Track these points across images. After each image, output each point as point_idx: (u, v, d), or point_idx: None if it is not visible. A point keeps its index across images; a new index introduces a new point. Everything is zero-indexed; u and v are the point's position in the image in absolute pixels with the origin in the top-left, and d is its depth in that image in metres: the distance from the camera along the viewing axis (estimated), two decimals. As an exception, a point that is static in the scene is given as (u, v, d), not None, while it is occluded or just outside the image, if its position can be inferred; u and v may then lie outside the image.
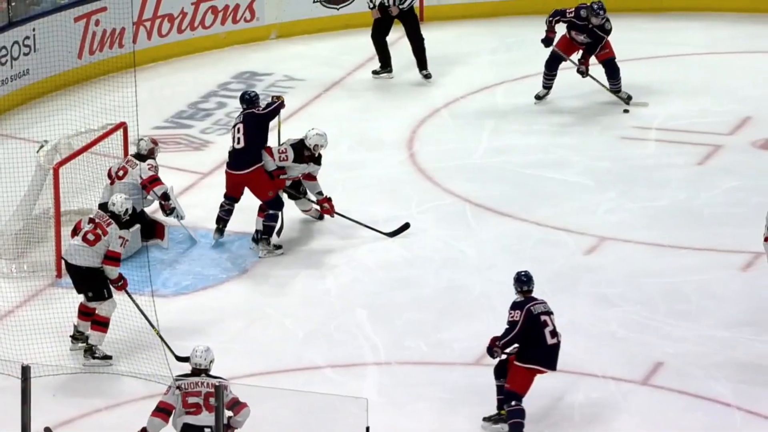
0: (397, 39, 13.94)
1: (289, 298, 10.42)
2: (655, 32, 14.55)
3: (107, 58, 13.35)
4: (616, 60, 12.96)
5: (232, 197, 10.95)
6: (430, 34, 14.27)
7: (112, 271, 9.53)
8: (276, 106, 10.84)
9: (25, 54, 13.13)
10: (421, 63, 13.71)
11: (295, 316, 10.19)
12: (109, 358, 9.54)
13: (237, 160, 10.82)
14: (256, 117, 10.79)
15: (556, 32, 12.85)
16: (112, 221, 9.58)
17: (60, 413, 8.93)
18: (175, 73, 14.13)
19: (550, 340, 8.87)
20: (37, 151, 11.03)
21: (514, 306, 8.94)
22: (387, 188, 11.93)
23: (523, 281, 8.98)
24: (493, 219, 11.43)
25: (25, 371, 7.47)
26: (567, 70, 13.14)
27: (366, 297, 10.39)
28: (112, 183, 10.82)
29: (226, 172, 10.90)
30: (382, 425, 8.37)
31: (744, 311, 10.07)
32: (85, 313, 9.66)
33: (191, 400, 8.24)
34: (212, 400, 8.16)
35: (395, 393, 9.32)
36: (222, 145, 12.65)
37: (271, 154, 10.97)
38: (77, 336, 9.67)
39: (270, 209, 10.82)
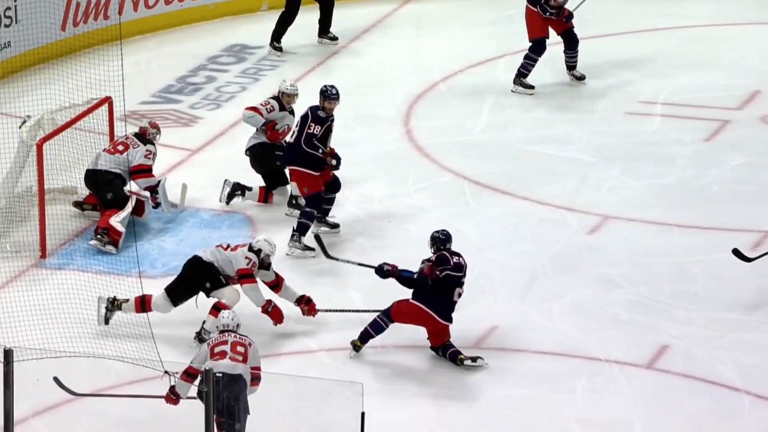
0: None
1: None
2: (659, 3, 14.42)
3: (92, 30, 13.26)
4: (574, 30, 12.81)
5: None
6: (428, 6, 14.27)
7: (253, 294, 9.67)
8: (320, 157, 10.61)
9: (6, 26, 13.05)
10: (327, 26, 13.77)
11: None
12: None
13: (286, 153, 10.90)
14: (310, 130, 10.66)
15: (559, 4, 12.71)
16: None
17: (44, 398, 8.88)
18: (163, 45, 14.07)
19: (456, 298, 9.21)
20: (20, 127, 10.92)
21: (444, 261, 9.20)
22: (383, 165, 11.88)
23: (442, 239, 9.30)
24: (492, 197, 11.40)
25: (8, 355, 7.46)
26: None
27: (360, 278, 10.26)
28: (108, 151, 10.90)
29: None
30: (378, 410, 8.35)
31: (752, 293, 10.02)
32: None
33: (218, 349, 8.51)
34: (240, 348, 8.47)
35: (391, 377, 9.33)
36: (211, 120, 12.76)
37: (258, 111, 11.06)
38: (115, 304, 9.71)
39: (306, 206, 10.68)
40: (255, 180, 11.46)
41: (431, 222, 10.91)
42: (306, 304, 9.80)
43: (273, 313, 9.72)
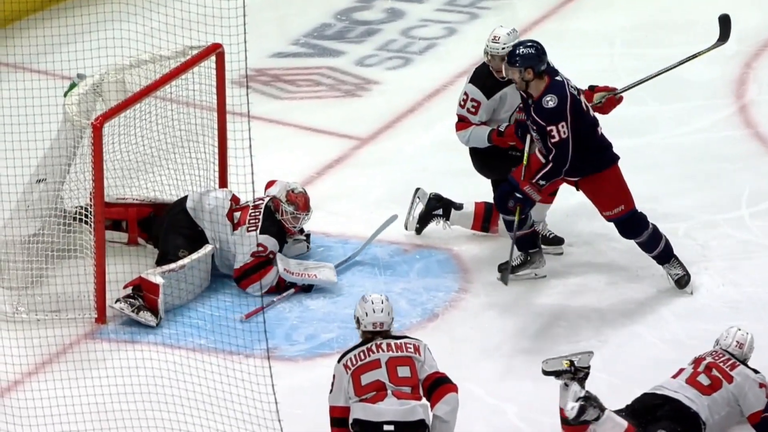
0: None
1: (501, 366, 10.22)
2: None
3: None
4: None
5: None
6: None
7: None
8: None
9: None
10: None
11: (510, 398, 9.93)
12: None
13: None
14: None
15: None
16: None
17: None
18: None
19: None
20: (65, 95, 10.85)
21: None
22: (694, 170, 11.83)
23: None
24: None
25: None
26: None
27: (643, 372, 9.95)
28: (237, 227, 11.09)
29: None
30: None
31: None
32: None
33: (366, 378, 8.66)
34: (402, 370, 8.66)
35: None
36: (394, 86, 13.00)
37: (466, 121, 10.99)
38: None
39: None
40: (471, 191, 11.33)
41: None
42: None
43: None
